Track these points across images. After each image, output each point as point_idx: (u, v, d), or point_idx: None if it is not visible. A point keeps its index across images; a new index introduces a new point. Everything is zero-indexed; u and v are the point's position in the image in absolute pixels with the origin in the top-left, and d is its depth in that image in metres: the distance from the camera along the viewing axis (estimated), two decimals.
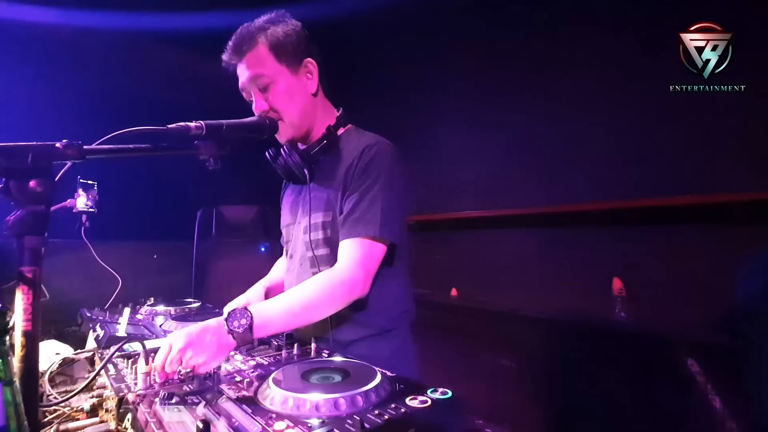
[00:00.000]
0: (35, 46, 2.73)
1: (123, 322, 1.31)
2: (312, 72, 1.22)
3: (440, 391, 0.75)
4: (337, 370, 0.86)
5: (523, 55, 2.60)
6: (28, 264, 0.66)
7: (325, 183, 1.22)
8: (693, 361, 1.78)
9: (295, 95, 1.19)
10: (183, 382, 0.88)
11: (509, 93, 2.69)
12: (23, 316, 0.65)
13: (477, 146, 2.89)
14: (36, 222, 0.67)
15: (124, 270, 2.09)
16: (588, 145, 2.32)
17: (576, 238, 2.38)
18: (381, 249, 1.12)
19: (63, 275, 2.00)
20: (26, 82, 2.70)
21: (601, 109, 2.25)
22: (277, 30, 1.17)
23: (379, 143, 1.20)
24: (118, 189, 2.34)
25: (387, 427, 0.65)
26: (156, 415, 0.74)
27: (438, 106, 3.15)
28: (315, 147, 1.22)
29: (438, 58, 3.12)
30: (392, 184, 1.15)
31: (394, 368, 0.87)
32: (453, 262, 3.00)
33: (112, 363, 0.98)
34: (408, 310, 1.28)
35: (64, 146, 0.72)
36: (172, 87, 3.13)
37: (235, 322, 0.92)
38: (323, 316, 1.08)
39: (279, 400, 0.73)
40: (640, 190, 2.10)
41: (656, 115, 2.05)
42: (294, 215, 1.33)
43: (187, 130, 0.93)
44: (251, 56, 1.15)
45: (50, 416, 0.84)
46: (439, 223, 3.10)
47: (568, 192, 2.40)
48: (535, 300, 2.45)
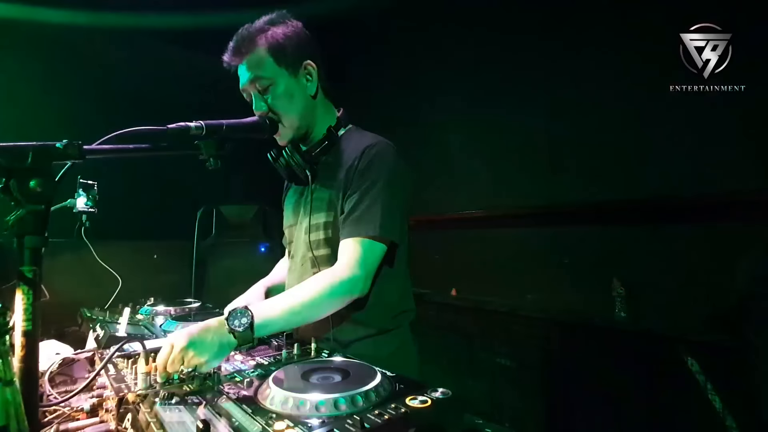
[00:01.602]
0: (35, 46, 2.73)
1: (123, 322, 1.31)
2: (311, 74, 1.22)
3: (440, 390, 0.75)
4: (337, 370, 0.86)
5: (523, 55, 2.60)
6: (28, 264, 0.66)
7: (326, 184, 1.22)
8: (693, 361, 1.78)
9: (294, 97, 1.19)
10: (183, 382, 0.88)
11: (509, 93, 2.69)
12: (23, 316, 0.65)
13: (477, 146, 2.89)
14: (36, 222, 0.67)
15: (124, 270, 2.09)
16: (588, 144, 2.32)
17: (576, 238, 2.38)
18: (381, 249, 1.12)
19: (63, 275, 2.00)
20: (26, 82, 2.70)
21: (601, 108, 2.25)
22: (277, 32, 1.17)
23: (380, 143, 1.20)
24: (118, 189, 2.34)
25: (387, 427, 0.64)
26: (156, 415, 0.74)
27: (438, 105, 3.15)
28: (316, 148, 1.22)
29: (438, 57, 3.12)
30: (393, 184, 1.15)
31: (394, 368, 0.87)
32: (453, 262, 3.00)
33: (112, 363, 0.98)
34: (408, 310, 1.28)
35: (64, 146, 0.72)
36: (172, 86, 3.13)
37: (236, 322, 0.92)
38: (324, 315, 1.08)
39: (279, 400, 0.73)
40: (641, 189, 2.10)
41: (656, 115, 2.05)
42: (296, 216, 1.33)
43: (187, 130, 0.93)
44: (250, 58, 1.16)
45: (50, 416, 0.84)
46: (439, 223, 3.10)
47: (568, 192, 2.40)
48: (535, 300, 2.45)
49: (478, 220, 2.86)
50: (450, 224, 3.06)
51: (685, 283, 1.93)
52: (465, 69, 2.94)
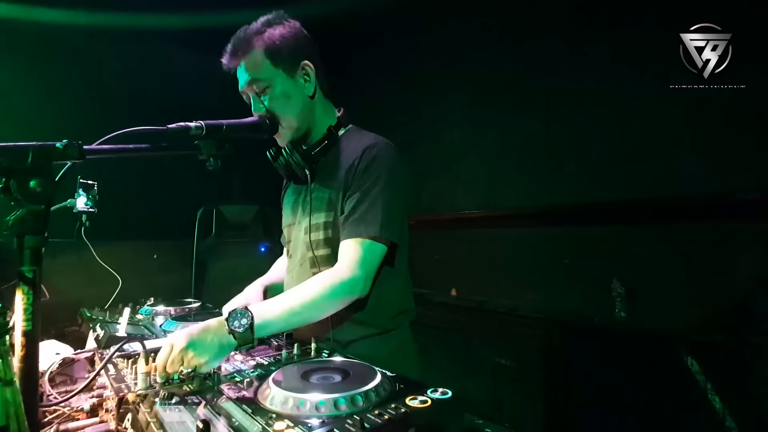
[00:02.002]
0: (36, 46, 2.73)
1: (123, 322, 1.31)
2: (309, 74, 1.21)
3: (440, 391, 0.75)
4: (337, 370, 0.86)
5: (523, 55, 2.60)
6: (28, 264, 0.66)
7: (326, 183, 1.22)
8: (693, 361, 1.78)
9: (291, 98, 1.19)
10: (183, 382, 0.88)
11: (510, 92, 2.69)
12: (23, 316, 0.65)
13: (477, 146, 2.89)
14: (36, 222, 0.67)
15: (124, 270, 2.10)
16: (588, 144, 2.32)
17: (576, 238, 2.38)
18: (381, 249, 1.12)
19: (63, 275, 2.00)
20: (26, 83, 2.70)
21: (601, 108, 2.25)
22: (274, 33, 1.17)
23: (380, 143, 1.20)
24: (118, 189, 2.35)
25: (387, 427, 0.64)
26: (156, 415, 0.74)
27: (438, 105, 3.16)
28: (316, 147, 1.22)
29: (438, 57, 3.12)
30: (393, 184, 1.15)
31: (394, 368, 0.87)
32: (453, 262, 3.00)
33: (112, 363, 0.98)
34: (408, 310, 1.28)
35: (64, 146, 0.72)
36: (172, 86, 3.13)
37: (236, 322, 0.92)
38: (324, 315, 1.08)
39: (279, 400, 0.73)
40: (640, 189, 2.10)
41: (656, 115, 2.05)
42: (295, 215, 1.33)
43: (187, 129, 0.93)
44: (247, 60, 1.16)
45: (50, 416, 0.84)
46: (439, 223, 3.10)
47: (568, 192, 2.40)
48: (535, 300, 2.45)
49: (478, 220, 2.86)
50: (450, 224, 3.06)
51: (685, 283, 1.93)
52: (465, 69, 2.94)
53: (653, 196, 2.05)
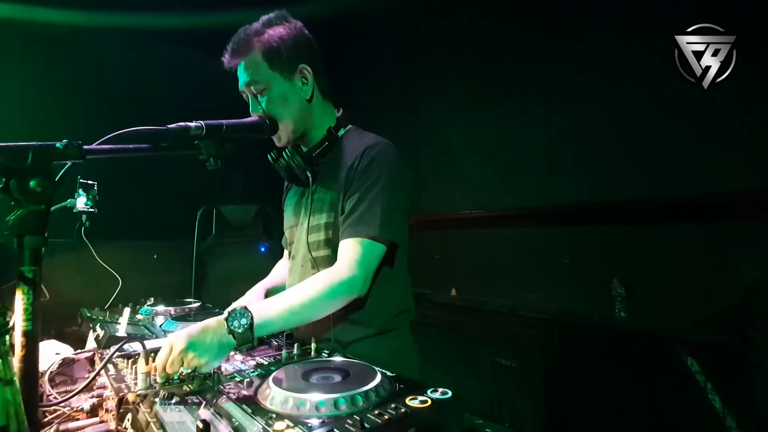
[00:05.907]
0: (35, 46, 2.73)
1: (123, 322, 1.31)
2: (307, 78, 1.21)
3: (440, 391, 0.75)
4: (337, 370, 0.85)
5: (522, 55, 2.60)
6: (28, 264, 0.66)
7: (327, 184, 1.22)
8: (693, 361, 1.78)
9: (288, 101, 1.19)
10: (183, 382, 0.88)
11: (509, 92, 2.69)
12: (23, 316, 0.65)
13: (477, 146, 2.89)
14: (36, 222, 0.67)
15: (124, 270, 2.09)
16: (588, 144, 2.32)
17: (576, 238, 2.38)
18: (381, 249, 1.12)
19: (63, 275, 2.00)
20: (26, 82, 2.70)
21: (600, 108, 2.25)
22: (273, 35, 1.16)
23: (380, 144, 1.20)
24: (118, 189, 2.34)
25: (387, 427, 0.64)
26: (156, 416, 0.74)
27: (438, 105, 3.16)
28: (317, 149, 1.22)
29: (438, 57, 3.12)
30: (393, 184, 1.15)
31: (394, 368, 0.87)
32: (453, 262, 3.00)
33: (112, 363, 0.98)
34: (408, 310, 1.28)
35: (64, 146, 0.72)
36: (172, 86, 3.13)
37: (236, 322, 0.92)
38: (323, 314, 1.08)
39: (279, 400, 0.73)
40: (640, 189, 2.10)
41: (656, 114, 2.05)
42: (297, 217, 1.33)
43: (187, 129, 0.93)
44: (246, 62, 1.16)
45: (50, 416, 0.84)
46: (439, 223, 3.10)
47: (568, 191, 2.40)
48: (535, 300, 2.45)
49: (478, 220, 2.86)
50: (450, 224, 3.06)
51: (685, 283, 1.93)
52: (465, 69, 2.94)
53: (653, 196, 2.05)
